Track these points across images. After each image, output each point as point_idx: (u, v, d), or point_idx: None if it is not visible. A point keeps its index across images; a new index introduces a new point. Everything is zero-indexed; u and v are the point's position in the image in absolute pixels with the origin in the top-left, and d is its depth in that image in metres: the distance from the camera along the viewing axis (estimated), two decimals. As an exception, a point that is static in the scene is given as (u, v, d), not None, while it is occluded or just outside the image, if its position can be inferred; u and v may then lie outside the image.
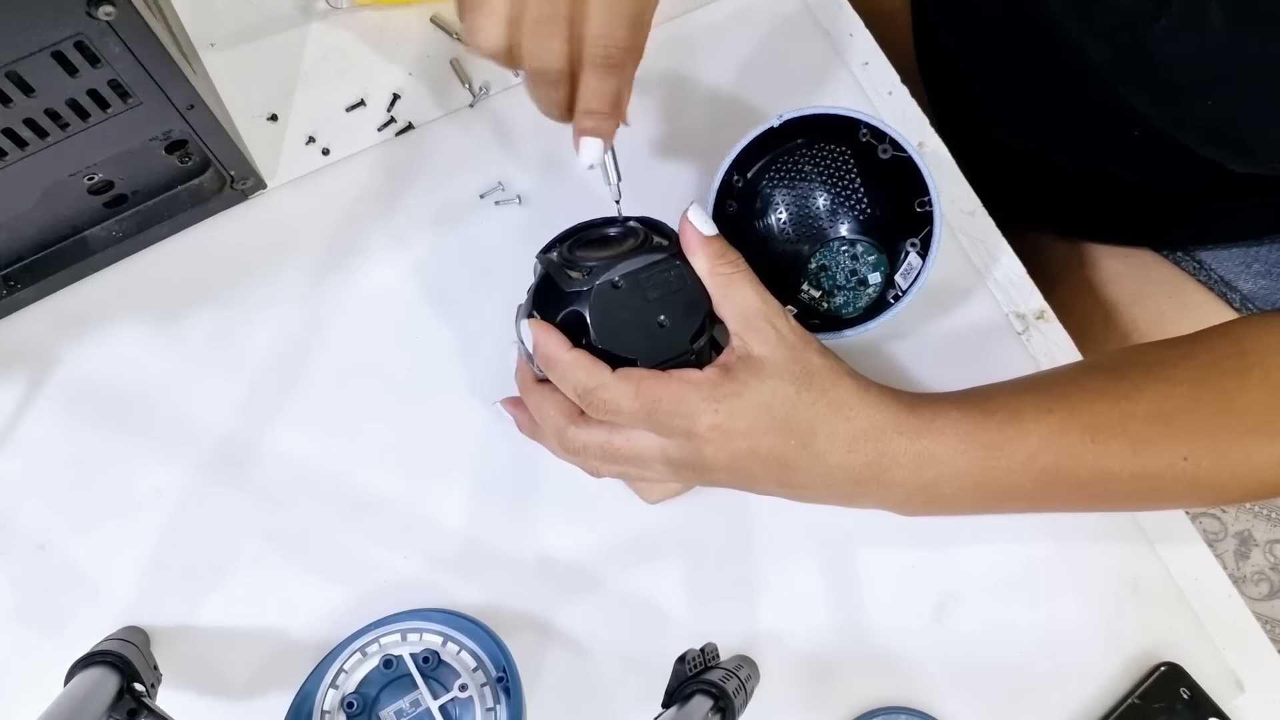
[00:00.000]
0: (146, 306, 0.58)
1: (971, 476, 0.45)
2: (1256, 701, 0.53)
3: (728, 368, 0.44)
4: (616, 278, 0.44)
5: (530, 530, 0.55)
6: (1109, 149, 0.62)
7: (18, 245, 0.55)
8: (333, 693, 0.48)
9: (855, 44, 0.63)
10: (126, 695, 0.45)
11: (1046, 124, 0.65)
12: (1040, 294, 0.59)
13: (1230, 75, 0.47)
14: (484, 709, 0.47)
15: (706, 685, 0.43)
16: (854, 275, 0.57)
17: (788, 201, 0.58)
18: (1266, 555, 1.35)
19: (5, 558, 0.54)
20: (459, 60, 0.63)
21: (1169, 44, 0.48)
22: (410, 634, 0.49)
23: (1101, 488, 0.46)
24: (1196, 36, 0.47)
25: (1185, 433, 0.46)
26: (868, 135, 0.52)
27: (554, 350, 0.44)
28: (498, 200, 0.60)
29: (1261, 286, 0.65)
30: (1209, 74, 0.48)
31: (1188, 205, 0.65)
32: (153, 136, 0.51)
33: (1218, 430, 0.46)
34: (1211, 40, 0.46)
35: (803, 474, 0.44)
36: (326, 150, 0.61)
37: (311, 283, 0.59)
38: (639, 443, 0.44)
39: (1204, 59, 0.48)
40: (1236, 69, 0.47)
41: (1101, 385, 0.47)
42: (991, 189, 0.61)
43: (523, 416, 0.50)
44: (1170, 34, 0.48)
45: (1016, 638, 0.54)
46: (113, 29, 0.43)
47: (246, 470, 0.55)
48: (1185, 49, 0.48)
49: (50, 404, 0.56)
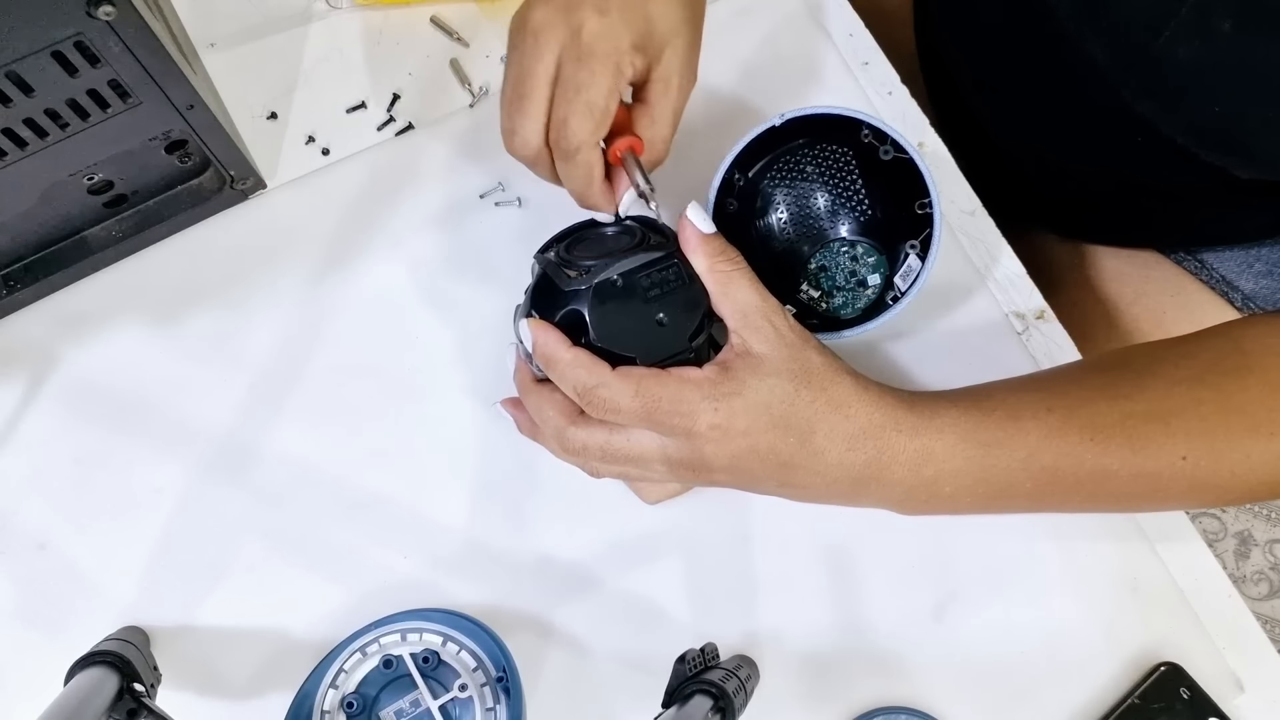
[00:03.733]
0: (146, 306, 0.58)
1: (970, 474, 0.45)
2: (1256, 701, 0.52)
3: (727, 366, 0.44)
4: (615, 276, 0.44)
5: (530, 530, 0.55)
6: (1112, 152, 0.62)
7: (18, 245, 0.55)
8: (333, 693, 0.48)
9: (855, 44, 0.63)
10: (126, 695, 0.45)
11: (1049, 127, 0.65)
12: (1040, 294, 0.59)
13: (1237, 81, 0.47)
14: (484, 709, 0.47)
15: (706, 685, 0.43)
16: (853, 276, 0.57)
17: (788, 201, 0.58)
18: (1266, 555, 1.35)
19: (5, 558, 0.54)
20: (459, 60, 0.63)
21: (1176, 50, 0.48)
22: (410, 634, 0.49)
23: (1100, 487, 0.46)
24: (1204, 43, 0.46)
25: (1184, 432, 0.46)
26: (869, 136, 0.52)
27: (553, 349, 0.44)
28: (498, 201, 0.60)
29: (1263, 286, 0.65)
30: (1216, 80, 0.48)
31: (1190, 208, 0.64)
32: (153, 136, 0.51)
33: (1217, 430, 0.46)
34: (1219, 46, 0.46)
35: (802, 472, 0.44)
36: (326, 150, 0.61)
37: (311, 283, 0.59)
38: (639, 442, 0.44)
39: (1211, 65, 0.47)
40: (1244, 75, 0.47)
41: (1101, 384, 0.47)
42: (992, 189, 0.61)
43: (522, 417, 0.50)
44: (1177, 40, 0.48)
45: (1016, 638, 0.54)
46: (113, 29, 0.43)
47: (246, 470, 0.55)
48: (1192, 55, 0.47)
49: (50, 404, 0.56)
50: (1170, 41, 0.48)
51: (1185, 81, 0.49)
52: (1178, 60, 0.48)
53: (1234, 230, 0.66)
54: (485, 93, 0.62)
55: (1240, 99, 0.48)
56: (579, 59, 0.45)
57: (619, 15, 0.46)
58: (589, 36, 0.45)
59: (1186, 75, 0.49)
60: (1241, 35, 0.45)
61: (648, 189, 0.48)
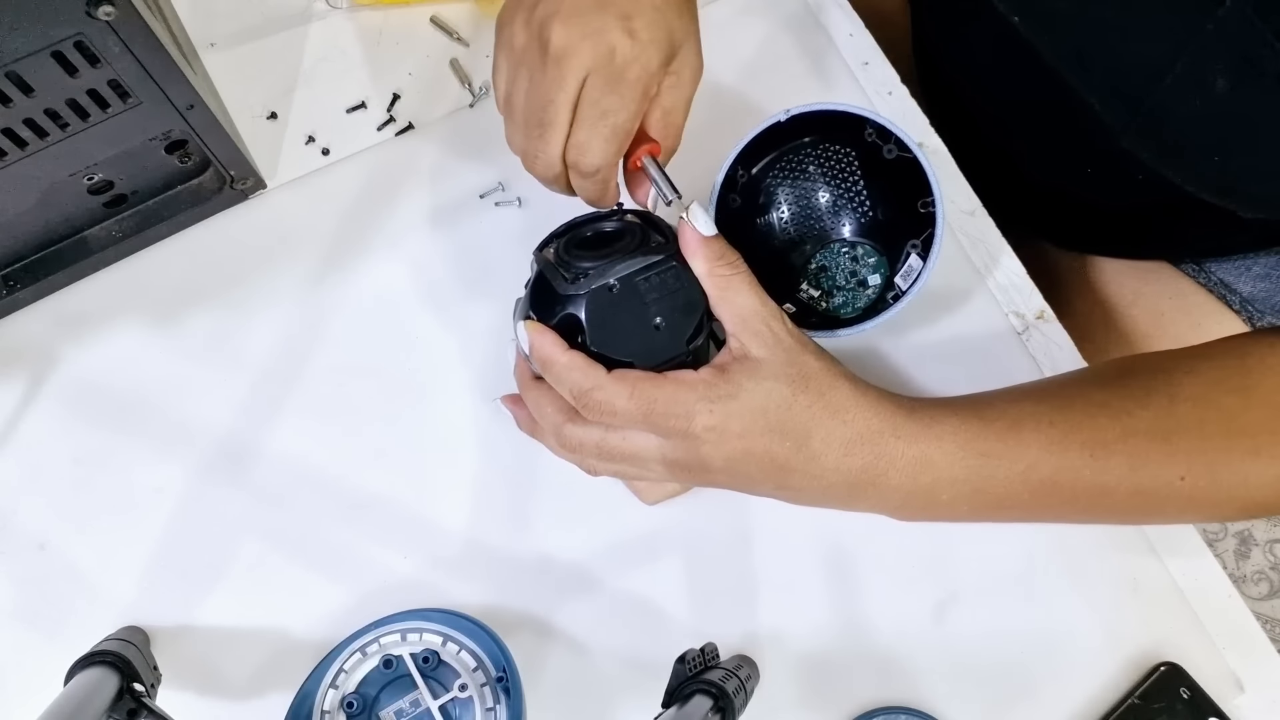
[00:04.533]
0: (146, 306, 0.58)
1: (969, 483, 0.45)
2: (1256, 701, 0.52)
3: (724, 369, 0.44)
4: (612, 281, 0.44)
5: (530, 530, 0.55)
6: (1111, 183, 0.62)
7: (18, 245, 0.55)
8: (333, 693, 0.48)
9: (855, 44, 0.63)
10: (126, 695, 0.45)
11: (1047, 157, 0.65)
12: (1040, 294, 0.59)
13: (1235, 136, 0.47)
14: (484, 709, 0.47)
15: (706, 685, 0.43)
16: (854, 276, 0.57)
17: (790, 199, 0.58)
18: (1266, 555, 1.35)
19: (5, 558, 0.54)
20: (459, 60, 0.63)
21: (1172, 106, 0.47)
22: (410, 634, 0.49)
23: (1097, 502, 0.46)
24: (1200, 99, 0.46)
25: (1185, 452, 0.45)
26: (873, 134, 0.52)
27: (549, 352, 0.44)
28: (498, 201, 0.60)
29: (1261, 289, 0.65)
30: (1214, 135, 0.47)
31: (1189, 227, 0.64)
32: (153, 136, 0.51)
33: (1218, 451, 0.45)
34: (1215, 102, 0.45)
35: (798, 476, 0.44)
36: (326, 150, 0.61)
37: (311, 283, 0.59)
38: (635, 442, 0.44)
39: (1208, 120, 0.47)
40: (1241, 130, 0.46)
41: (1104, 399, 0.47)
42: (991, 194, 0.61)
43: (522, 413, 0.50)
44: (1174, 95, 0.47)
45: (1016, 638, 0.54)
46: (113, 29, 0.43)
47: (246, 470, 0.55)
48: (1187, 109, 0.47)
49: (50, 404, 0.56)
50: (1166, 97, 0.47)
51: (1183, 135, 0.48)
52: (1173, 115, 0.48)
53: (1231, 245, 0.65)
54: (485, 92, 0.62)
55: (1238, 152, 0.47)
56: (608, 84, 0.44)
57: (648, 36, 0.44)
58: (621, 61, 0.44)
59: (1184, 130, 0.48)
60: (1238, 91, 0.44)
61: (674, 196, 0.47)
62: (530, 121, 0.46)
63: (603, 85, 0.44)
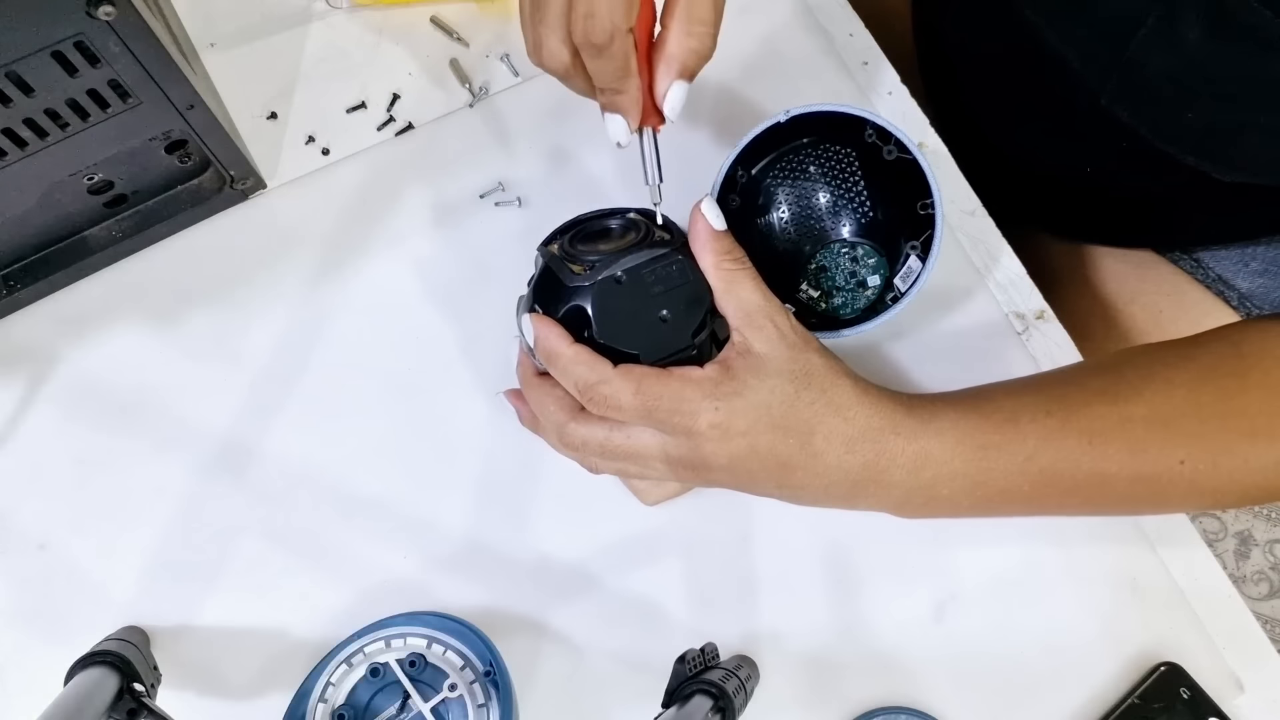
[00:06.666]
0: (146, 306, 0.58)
1: (969, 477, 0.45)
2: (1256, 701, 0.52)
3: (728, 365, 0.44)
4: (619, 272, 0.44)
5: (530, 530, 0.55)
6: (1100, 157, 0.62)
7: (18, 245, 0.55)
8: (322, 706, 0.47)
9: (855, 44, 0.63)
10: (126, 695, 0.45)
11: (1039, 130, 0.65)
12: (1040, 294, 0.59)
13: (1207, 88, 0.47)
14: (475, 706, 0.47)
15: (706, 685, 0.43)
16: (853, 277, 0.57)
17: (790, 200, 0.58)
18: (1266, 555, 1.35)
19: (5, 558, 0.54)
20: (459, 60, 0.63)
21: (1146, 56, 0.48)
22: (394, 640, 0.48)
23: (1098, 490, 0.46)
24: (1173, 51, 0.46)
25: (1183, 436, 0.45)
26: (873, 135, 0.52)
27: (555, 345, 0.44)
28: (498, 201, 0.60)
29: (1259, 285, 0.65)
30: (1186, 86, 0.48)
31: (1183, 210, 0.64)
32: (153, 136, 0.51)
33: (1216, 434, 0.46)
34: (1188, 53, 0.46)
35: (800, 473, 0.44)
36: (326, 150, 0.61)
37: (311, 283, 0.59)
38: (638, 440, 0.44)
39: (1181, 71, 0.47)
40: (1212, 82, 0.46)
41: (1100, 387, 0.47)
42: (991, 190, 0.61)
43: (523, 409, 0.50)
44: (1147, 46, 0.47)
45: (1016, 638, 0.54)
46: (113, 29, 0.43)
47: (246, 470, 0.55)
48: (1162, 61, 0.47)
49: (50, 404, 0.56)
50: (1140, 49, 0.48)
51: (1157, 88, 0.49)
52: (1148, 68, 0.48)
53: (1228, 230, 0.66)
54: (485, 92, 0.62)
55: (1211, 105, 0.47)
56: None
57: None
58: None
59: (1158, 82, 0.49)
60: (1210, 43, 0.45)
61: (657, 179, 0.46)
62: (529, 7, 0.43)
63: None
